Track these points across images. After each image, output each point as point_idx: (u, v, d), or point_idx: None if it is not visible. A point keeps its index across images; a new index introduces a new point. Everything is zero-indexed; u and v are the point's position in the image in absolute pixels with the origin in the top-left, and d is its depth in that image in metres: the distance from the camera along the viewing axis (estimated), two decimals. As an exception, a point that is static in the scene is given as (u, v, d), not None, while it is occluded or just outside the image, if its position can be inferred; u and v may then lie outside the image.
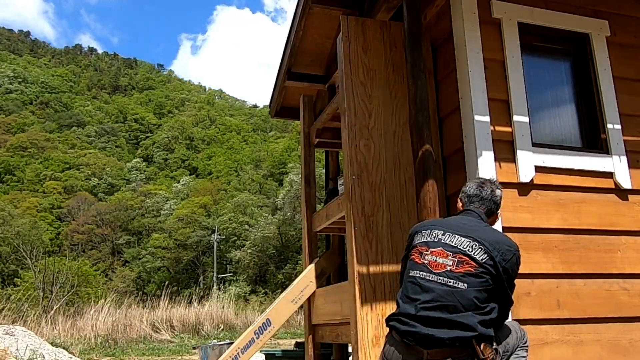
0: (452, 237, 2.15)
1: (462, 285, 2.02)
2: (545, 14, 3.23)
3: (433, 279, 2.06)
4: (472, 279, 2.03)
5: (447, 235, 2.16)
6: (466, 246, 2.11)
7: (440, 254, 2.11)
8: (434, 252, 2.12)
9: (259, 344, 3.83)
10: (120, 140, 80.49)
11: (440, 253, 2.11)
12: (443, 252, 2.11)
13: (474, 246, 2.10)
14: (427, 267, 2.10)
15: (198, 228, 47.00)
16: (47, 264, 24.65)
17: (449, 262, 2.08)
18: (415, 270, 2.13)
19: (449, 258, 2.09)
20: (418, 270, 2.12)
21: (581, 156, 3.09)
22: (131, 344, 11.82)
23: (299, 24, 4.09)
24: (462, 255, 2.09)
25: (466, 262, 2.07)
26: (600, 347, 2.82)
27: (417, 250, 2.18)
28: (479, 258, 2.07)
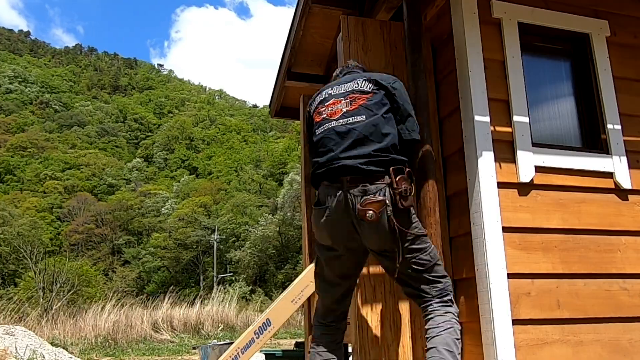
0: (339, 87, 2.32)
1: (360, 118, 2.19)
2: (545, 14, 3.23)
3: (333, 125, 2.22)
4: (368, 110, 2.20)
5: (335, 88, 2.34)
6: (353, 86, 2.28)
7: (334, 103, 2.28)
8: (328, 104, 2.29)
9: (259, 344, 3.82)
10: (120, 140, 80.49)
11: (334, 102, 2.28)
12: (335, 101, 2.28)
13: (359, 82, 2.28)
14: (326, 119, 2.26)
15: (198, 228, 47.00)
16: (48, 264, 24.67)
17: (343, 105, 2.24)
18: (318, 128, 2.28)
19: (342, 102, 2.25)
20: (320, 127, 2.27)
21: (581, 156, 3.09)
22: (131, 343, 11.82)
23: (299, 23, 4.09)
24: (352, 94, 2.25)
25: (357, 98, 2.23)
26: (600, 347, 2.82)
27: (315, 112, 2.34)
28: (367, 89, 2.25)
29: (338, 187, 2.13)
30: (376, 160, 2.12)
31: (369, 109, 2.20)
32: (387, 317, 2.83)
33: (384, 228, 2.10)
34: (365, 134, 2.15)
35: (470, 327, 2.85)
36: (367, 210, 2.05)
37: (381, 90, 2.26)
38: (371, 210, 2.05)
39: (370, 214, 2.04)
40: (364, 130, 2.16)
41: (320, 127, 2.27)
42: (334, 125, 2.21)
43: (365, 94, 2.23)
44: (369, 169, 2.10)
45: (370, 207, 2.05)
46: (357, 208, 2.08)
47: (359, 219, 2.09)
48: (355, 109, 2.20)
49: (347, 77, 2.39)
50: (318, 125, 2.29)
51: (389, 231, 2.10)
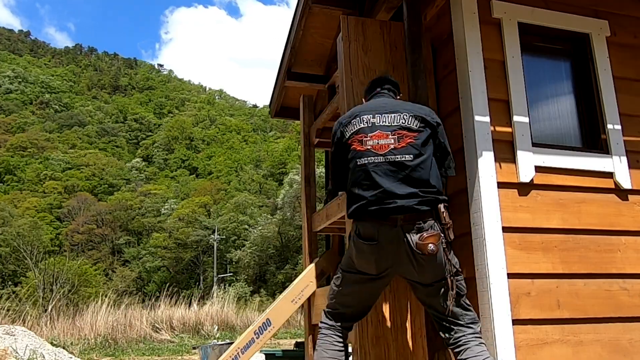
0: (383, 117, 2.31)
1: (408, 157, 2.23)
2: (545, 14, 3.23)
3: (381, 161, 2.24)
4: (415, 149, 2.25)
5: (378, 117, 2.31)
6: (399, 120, 2.29)
7: (380, 136, 2.27)
8: (373, 136, 2.28)
9: (259, 344, 3.82)
10: (120, 140, 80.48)
11: (380, 135, 2.27)
12: (381, 134, 2.27)
13: (405, 117, 2.29)
14: (371, 152, 2.26)
15: (198, 228, 47.00)
16: (48, 264, 24.68)
17: (391, 141, 2.26)
18: (361, 158, 2.28)
19: (390, 137, 2.26)
20: (364, 157, 2.28)
21: (581, 156, 3.09)
22: (131, 343, 11.81)
23: (299, 23, 4.09)
24: (400, 130, 2.27)
25: (405, 136, 2.26)
26: (600, 347, 2.82)
27: (355, 139, 2.32)
28: (414, 126, 2.28)
29: (391, 225, 2.22)
30: (427, 200, 2.23)
31: (416, 148, 2.25)
32: (387, 317, 2.82)
33: (441, 259, 2.25)
34: (415, 174, 2.23)
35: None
36: (428, 244, 2.16)
37: (427, 128, 2.32)
38: (432, 244, 2.17)
39: (432, 248, 2.16)
40: (413, 170, 2.23)
41: (364, 158, 2.28)
42: (381, 161, 2.25)
43: (413, 132, 2.27)
44: (422, 209, 2.21)
45: (429, 240, 2.17)
46: (417, 243, 2.19)
47: (419, 253, 2.20)
48: (403, 147, 2.24)
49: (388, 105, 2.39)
50: (361, 154, 2.29)
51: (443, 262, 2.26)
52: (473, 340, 2.29)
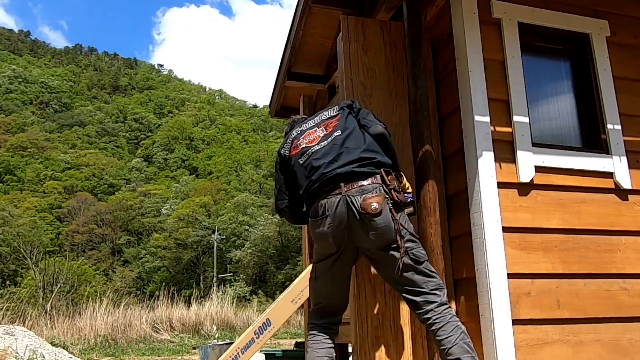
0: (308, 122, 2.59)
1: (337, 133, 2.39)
2: (545, 14, 3.23)
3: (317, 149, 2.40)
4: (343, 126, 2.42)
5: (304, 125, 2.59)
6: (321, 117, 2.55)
7: (310, 133, 2.49)
8: (304, 137, 2.51)
9: (259, 344, 3.81)
10: (121, 140, 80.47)
11: (310, 133, 2.50)
12: (311, 131, 2.50)
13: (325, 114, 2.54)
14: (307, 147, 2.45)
15: (198, 228, 46.99)
16: (48, 264, 24.68)
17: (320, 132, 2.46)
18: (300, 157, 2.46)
19: (318, 130, 2.48)
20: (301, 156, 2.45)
21: (581, 156, 3.09)
22: (131, 343, 11.82)
23: (299, 23, 4.09)
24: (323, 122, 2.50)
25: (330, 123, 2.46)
26: (600, 347, 2.82)
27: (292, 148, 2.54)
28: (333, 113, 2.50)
29: (336, 194, 2.29)
30: (366, 163, 2.31)
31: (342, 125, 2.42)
32: (387, 317, 2.82)
33: (388, 220, 2.25)
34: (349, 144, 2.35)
35: (470, 327, 2.84)
36: (371, 203, 2.21)
37: (344, 109, 2.51)
38: (375, 203, 2.21)
39: (375, 206, 2.20)
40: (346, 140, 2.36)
41: (301, 157, 2.44)
42: (317, 149, 2.39)
43: (335, 117, 2.47)
44: (362, 171, 2.28)
45: (372, 200, 2.22)
46: (361, 204, 2.23)
47: (364, 214, 2.23)
48: (331, 131, 2.41)
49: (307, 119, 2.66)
50: (299, 155, 2.47)
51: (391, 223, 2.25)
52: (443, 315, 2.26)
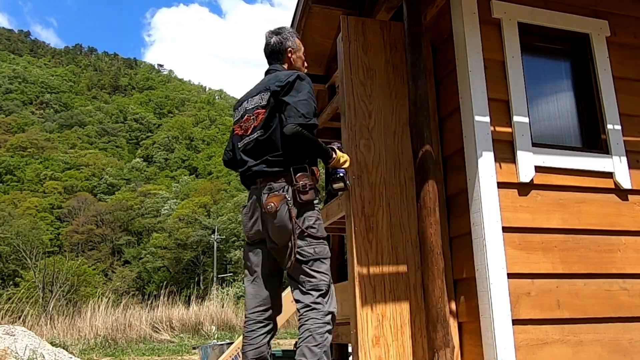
0: (252, 100, 2.59)
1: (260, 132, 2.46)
2: (545, 14, 3.23)
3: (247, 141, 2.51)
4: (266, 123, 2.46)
5: (249, 101, 2.60)
6: (257, 101, 2.55)
7: (247, 119, 2.56)
8: (243, 121, 2.58)
9: (258, 344, 3.81)
10: (121, 140, 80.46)
11: (247, 119, 2.56)
12: (248, 117, 2.56)
13: (264, 95, 2.51)
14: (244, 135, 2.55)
15: (198, 228, 46.98)
16: (47, 264, 24.67)
17: (252, 122, 2.53)
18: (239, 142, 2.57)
19: (251, 119, 2.54)
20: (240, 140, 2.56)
21: (581, 156, 3.09)
22: (131, 344, 11.81)
23: (298, 23, 4.09)
24: (256, 109, 2.53)
25: (260, 114, 2.50)
26: (600, 347, 2.82)
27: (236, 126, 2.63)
28: (264, 102, 2.50)
29: (255, 189, 2.49)
30: (275, 162, 2.41)
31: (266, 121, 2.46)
32: (387, 317, 2.82)
33: (283, 220, 2.34)
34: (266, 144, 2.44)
35: (470, 327, 2.85)
36: (269, 203, 2.34)
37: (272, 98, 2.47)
38: (271, 203, 2.34)
39: (270, 206, 2.33)
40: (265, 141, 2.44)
41: (239, 143, 2.58)
42: (247, 141, 2.52)
43: (264, 108, 2.49)
44: (271, 171, 2.41)
45: (270, 200, 2.35)
46: (263, 202, 2.38)
47: (264, 212, 2.39)
48: (259, 124, 2.48)
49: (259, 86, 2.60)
50: (238, 139, 2.59)
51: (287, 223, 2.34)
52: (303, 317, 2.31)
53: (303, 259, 2.34)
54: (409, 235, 2.96)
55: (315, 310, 2.31)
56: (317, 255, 2.38)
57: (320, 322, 2.28)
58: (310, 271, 2.36)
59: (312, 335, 2.25)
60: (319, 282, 2.36)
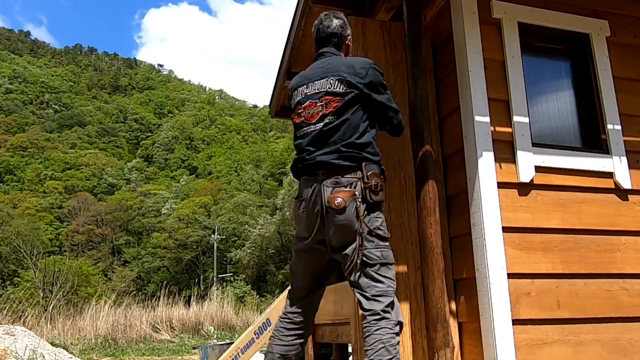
0: (313, 85, 2.38)
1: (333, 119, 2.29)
2: (545, 14, 3.23)
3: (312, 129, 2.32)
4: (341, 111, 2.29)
5: (310, 87, 2.40)
6: (326, 86, 2.35)
7: (310, 105, 2.36)
8: (305, 106, 2.38)
9: (259, 344, 3.83)
10: (121, 140, 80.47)
11: (310, 105, 2.36)
12: (311, 103, 2.36)
13: (332, 81, 2.34)
14: (305, 122, 2.36)
15: (198, 228, 46.98)
16: (47, 264, 24.68)
17: (319, 108, 2.33)
18: (299, 130, 2.40)
19: (318, 105, 2.34)
20: (300, 129, 2.39)
21: (581, 156, 3.09)
22: (131, 344, 11.82)
23: (298, 23, 4.09)
24: (326, 96, 2.33)
25: (332, 101, 2.31)
26: (600, 347, 2.82)
27: (295, 112, 2.45)
28: (339, 90, 2.32)
29: (314, 180, 2.27)
30: (347, 156, 2.24)
31: (341, 111, 2.30)
32: (387, 317, 2.82)
33: (350, 219, 2.18)
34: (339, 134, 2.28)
35: (470, 327, 2.85)
36: (336, 198, 2.17)
37: (354, 90, 2.32)
38: (339, 199, 2.17)
39: (338, 202, 2.16)
40: (337, 130, 2.28)
41: (300, 130, 2.39)
42: (312, 130, 2.33)
43: (338, 96, 2.31)
44: (341, 164, 2.23)
45: (338, 195, 2.18)
46: (328, 197, 2.20)
47: (327, 207, 2.20)
48: (330, 112, 2.31)
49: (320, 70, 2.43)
50: (298, 126, 2.40)
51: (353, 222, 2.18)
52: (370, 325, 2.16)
53: (369, 262, 2.19)
54: (409, 235, 2.96)
55: (385, 319, 2.16)
56: (384, 260, 2.23)
57: (391, 332, 2.14)
58: (377, 276, 2.20)
59: (386, 348, 2.11)
60: (387, 288, 2.21)
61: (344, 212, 2.17)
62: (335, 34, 2.53)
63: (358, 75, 2.33)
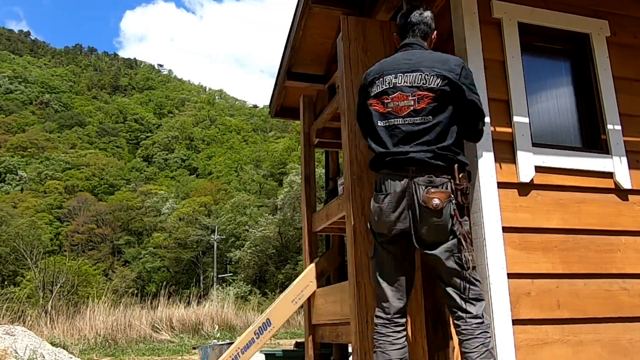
0: (404, 77, 2.32)
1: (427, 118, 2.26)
2: (545, 14, 3.23)
3: (400, 123, 2.28)
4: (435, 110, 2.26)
5: (400, 77, 2.33)
6: (419, 80, 2.29)
7: (400, 97, 2.30)
8: (393, 97, 2.31)
9: (259, 344, 3.82)
10: (121, 140, 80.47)
11: (400, 97, 2.30)
12: (401, 95, 2.30)
13: (427, 76, 2.28)
14: (392, 114, 2.31)
15: (198, 228, 46.98)
16: (47, 264, 24.67)
17: (410, 102, 2.28)
18: (383, 120, 2.33)
19: (409, 99, 2.29)
20: (385, 119, 2.33)
21: (581, 156, 3.09)
22: (131, 343, 11.82)
23: (299, 23, 4.09)
24: (419, 90, 2.28)
25: (425, 97, 2.27)
26: (600, 347, 2.82)
27: (377, 101, 2.37)
28: (434, 85, 2.27)
29: (403, 176, 2.25)
30: (442, 156, 2.24)
31: (435, 109, 2.26)
32: (387, 317, 2.82)
33: (446, 219, 2.20)
34: (432, 134, 2.25)
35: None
36: (433, 199, 2.17)
37: (448, 86, 2.28)
38: (437, 199, 2.17)
39: (436, 202, 2.16)
40: (430, 130, 2.25)
41: (385, 120, 2.33)
42: (401, 123, 2.29)
43: (433, 92, 2.27)
44: (436, 163, 2.22)
45: (435, 195, 2.17)
46: (423, 195, 2.19)
47: (423, 206, 2.19)
48: (422, 108, 2.26)
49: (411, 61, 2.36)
50: (382, 116, 2.34)
51: (449, 223, 2.21)
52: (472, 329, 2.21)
53: (465, 265, 2.24)
54: (409, 235, 2.95)
55: (484, 324, 2.25)
56: (474, 263, 2.29)
57: (489, 336, 2.24)
58: (472, 279, 2.27)
59: (489, 351, 2.20)
60: (480, 291, 2.30)
61: (442, 213, 2.19)
62: (427, 25, 2.51)
63: (453, 71, 2.32)
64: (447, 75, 2.28)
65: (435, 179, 2.21)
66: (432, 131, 2.25)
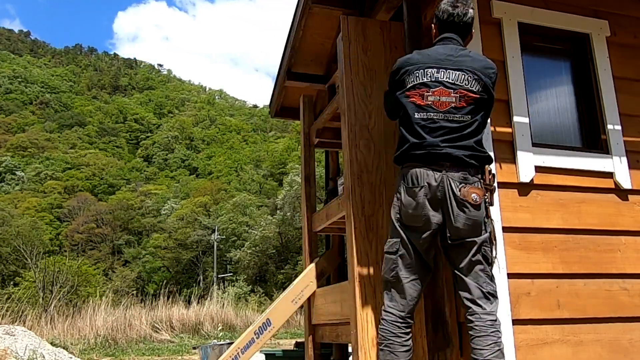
0: (447, 73, 2.34)
1: (466, 117, 2.30)
2: (545, 14, 3.23)
3: (440, 117, 2.30)
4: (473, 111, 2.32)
5: (442, 73, 2.34)
6: (462, 80, 2.33)
7: (442, 92, 2.31)
8: (435, 92, 2.32)
9: (259, 344, 3.82)
10: (121, 140, 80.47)
11: (441, 92, 2.31)
12: (443, 90, 2.31)
13: (469, 78, 2.33)
14: (432, 107, 2.31)
15: (198, 228, 46.97)
16: (47, 264, 24.67)
17: (452, 99, 2.31)
18: (421, 112, 2.32)
19: (452, 95, 2.31)
20: (424, 111, 2.32)
21: (581, 156, 3.09)
22: (131, 343, 11.81)
23: (299, 23, 4.09)
24: (461, 90, 2.32)
25: (466, 96, 2.31)
26: (600, 347, 2.82)
27: (416, 92, 2.35)
28: (475, 89, 2.33)
29: (437, 170, 2.27)
30: (476, 156, 2.30)
31: (474, 110, 2.33)
32: (387, 317, 2.82)
33: (481, 215, 2.27)
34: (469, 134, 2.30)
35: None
36: (472, 193, 2.23)
37: (485, 94, 2.36)
38: (475, 194, 2.24)
39: (475, 197, 2.23)
40: (468, 129, 2.30)
41: (423, 112, 2.32)
42: (441, 118, 2.30)
43: (473, 94, 2.32)
44: (470, 162, 2.28)
45: (473, 191, 2.24)
46: (461, 190, 2.24)
47: (461, 201, 2.24)
48: (462, 107, 2.31)
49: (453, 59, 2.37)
50: (421, 109, 2.33)
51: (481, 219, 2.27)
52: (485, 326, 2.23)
53: (488, 260, 2.31)
54: (409, 235, 2.95)
55: (497, 323, 2.27)
56: (493, 260, 2.36)
57: (501, 336, 2.27)
58: (492, 275, 2.33)
59: (501, 350, 2.22)
60: (496, 288, 2.34)
61: (479, 208, 2.26)
62: (467, 24, 2.51)
63: (491, 79, 2.40)
64: (486, 84, 2.36)
65: (469, 177, 2.27)
66: (469, 130, 2.30)
